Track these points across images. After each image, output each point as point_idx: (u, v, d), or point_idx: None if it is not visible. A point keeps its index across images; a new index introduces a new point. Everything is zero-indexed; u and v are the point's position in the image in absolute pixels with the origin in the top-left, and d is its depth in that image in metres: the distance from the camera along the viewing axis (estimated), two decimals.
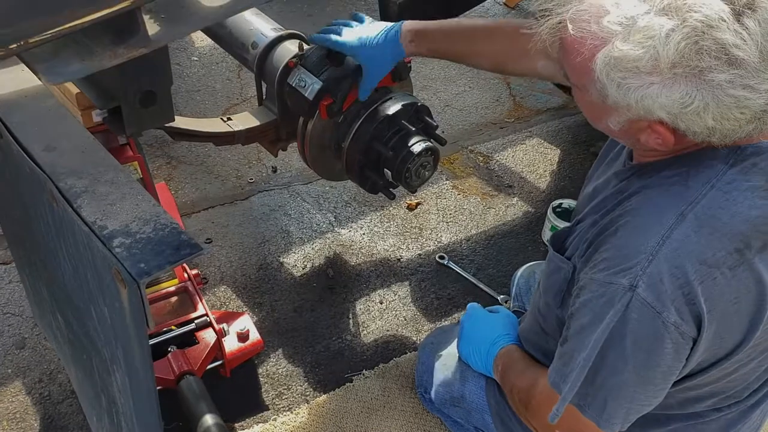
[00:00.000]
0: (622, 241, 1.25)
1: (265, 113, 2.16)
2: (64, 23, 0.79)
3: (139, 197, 1.11)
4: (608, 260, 1.25)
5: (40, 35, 0.78)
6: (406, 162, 1.95)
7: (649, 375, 1.26)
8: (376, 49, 1.80)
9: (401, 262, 2.51)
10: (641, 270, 1.19)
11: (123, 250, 1.01)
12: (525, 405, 1.51)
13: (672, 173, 1.25)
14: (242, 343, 1.99)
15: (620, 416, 1.31)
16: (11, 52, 0.77)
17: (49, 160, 1.17)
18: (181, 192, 2.70)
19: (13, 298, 2.28)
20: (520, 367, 1.62)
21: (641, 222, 1.24)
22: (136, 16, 0.90)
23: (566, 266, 1.41)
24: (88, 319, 1.32)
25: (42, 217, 1.28)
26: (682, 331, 1.20)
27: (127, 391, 1.28)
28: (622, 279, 1.21)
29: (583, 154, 2.98)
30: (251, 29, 2.12)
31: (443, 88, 3.32)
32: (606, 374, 1.27)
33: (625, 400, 1.29)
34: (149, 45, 0.96)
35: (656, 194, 1.26)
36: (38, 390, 2.05)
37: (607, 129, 1.26)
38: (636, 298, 1.19)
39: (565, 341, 1.35)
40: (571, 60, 1.17)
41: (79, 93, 1.69)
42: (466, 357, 1.80)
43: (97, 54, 0.92)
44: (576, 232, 1.42)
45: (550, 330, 1.55)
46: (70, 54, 0.92)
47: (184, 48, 3.41)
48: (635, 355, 1.24)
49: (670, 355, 1.23)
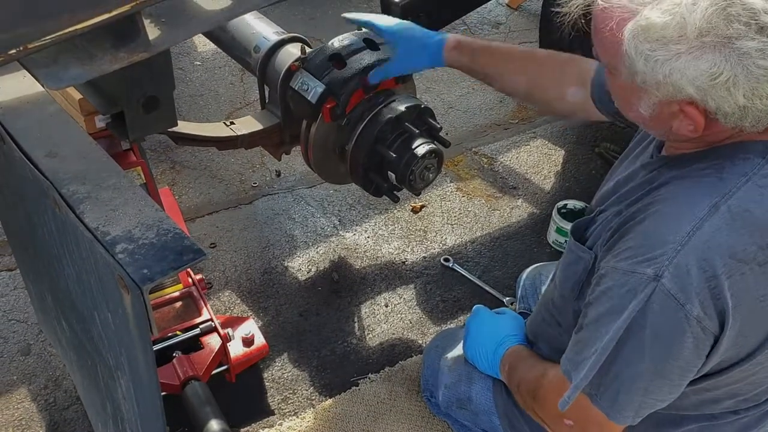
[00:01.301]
0: (649, 230, 1.22)
1: (268, 117, 2.16)
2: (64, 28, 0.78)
3: (142, 202, 1.10)
4: (633, 249, 1.22)
5: (39, 40, 0.77)
6: (410, 164, 1.95)
7: (665, 369, 1.23)
8: (418, 41, 1.78)
9: (406, 265, 2.50)
10: (668, 260, 1.16)
11: (126, 255, 1.00)
12: (533, 395, 1.49)
13: (705, 165, 1.22)
14: (247, 348, 1.99)
15: (631, 409, 1.28)
16: (10, 58, 0.77)
17: (52, 166, 1.16)
18: (185, 197, 2.69)
19: (17, 305, 2.28)
20: (529, 363, 1.60)
21: (671, 211, 1.21)
22: (137, 20, 0.90)
23: (587, 256, 1.38)
24: (92, 325, 1.31)
25: (45, 223, 1.27)
26: (704, 326, 1.17)
27: (131, 397, 1.27)
28: (647, 268, 1.18)
29: (587, 155, 2.97)
30: (253, 33, 2.12)
31: (447, 90, 3.31)
32: (621, 365, 1.24)
33: (638, 393, 1.26)
34: (150, 49, 0.96)
35: (689, 185, 1.22)
36: (43, 396, 2.04)
37: (639, 117, 1.23)
38: (660, 288, 1.16)
39: (580, 329, 1.32)
40: (600, 35, 1.16)
41: (81, 99, 1.69)
42: (472, 358, 1.79)
43: (97, 59, 0.91)
44: (598, 222, 1.39)
45: (564, 323, 1.52)
46: (70, 59, 0.91)
47: (187, 52, 3.41)
48: (653, 347, 1.21)
49: (690, 351, 1.20)
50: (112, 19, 0.81)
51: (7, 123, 1.25)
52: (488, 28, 3.74)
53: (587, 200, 2.56)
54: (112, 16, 0.80)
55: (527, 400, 1.53)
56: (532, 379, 1.51)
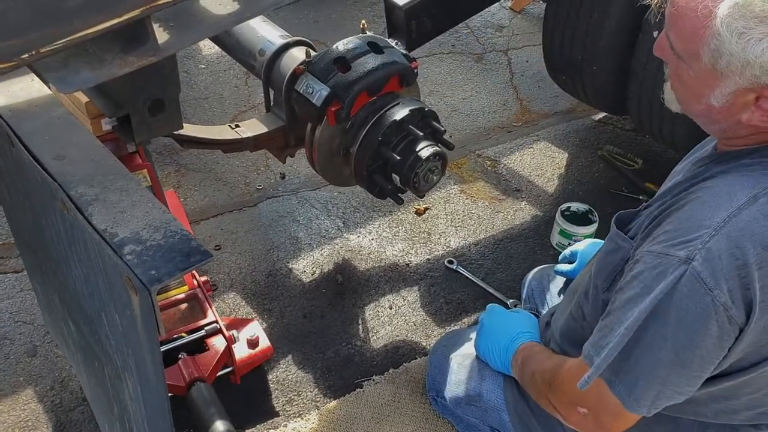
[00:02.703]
0: (687, 215, 1.22)
1: (273, 120, 2.17)
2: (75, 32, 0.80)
3: (150, 204, 1.11)
4: (669, 233, 1.23)
5: (51, 45, 0.79)
6: (414, 167, 1.96)
7: (687, 357, 1.22)
8: None
9: (410, 267, 2.51)
10: (701, 244, 1.17)
11: (134, 257, 1.02)
12: (548, 383, 1.48)
13: (752, 161, 1.23)
14: (252, 350, 2.00)
15: (649, 398, 1.28)
16: (23, 62, 0.78)
17: (60, 169, 1.18)
18: (190, 199, 2.71)
19: (24, 306, 2.29)
20: (544, 356, 1.60)
21: (711, 199, 1.21)
22: (146, 24, 0.91)
23: (627, 245, 1.37)
24: (99, 326, 1.32)
25: (53, 225, 1.28)
26: (730, 315, 1.17)
27: (138, 398, 1.28)
28: (680, 251, 1.18)
29: (590, 158, 2.97)
30: (258, 36, 2.14)
31: (450, 93, 3.32)
32: (643, 350, 1.24)
33: (657, 381, 1.25)
34: (159, 53, 0.97)
35: (732, 177, 1.23)
36: (50, 398, 2.05)
37: (706, 110, 1.23)
38: (690, 271, 1.17)
39: (607, 315, 1.32)
40: (682, 23, 1.16)
41: (88, 102, 1.70)
42: (483, 353, 1.79)
43: (107, 63, 0.93)
44: (643, 215, 1.40)
45: (590, 316, 1.50)
46: (80, 63, 0.92)
47: (192, 56, 3.42)
48: (677, 332, 1.20)
49: (713, 340, 1.19)
50: (122, 24, 0.82)
51: (16, 126, 1.26)
52: (491, 32, 3.75)
53: (590, 203, 2.57)
54: (122, 21, 0.81)
55: (542, 389, 1.52)
56: (549, 368, 1.51)
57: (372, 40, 2.01)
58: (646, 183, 2.80)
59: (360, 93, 1.93)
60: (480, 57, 3.58)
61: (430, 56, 3.50)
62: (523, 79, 3.44)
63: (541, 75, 3.34)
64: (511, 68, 3.51)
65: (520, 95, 3.34)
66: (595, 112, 3.18)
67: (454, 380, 1.85)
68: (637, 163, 2.91)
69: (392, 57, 1.98)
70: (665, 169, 2.82)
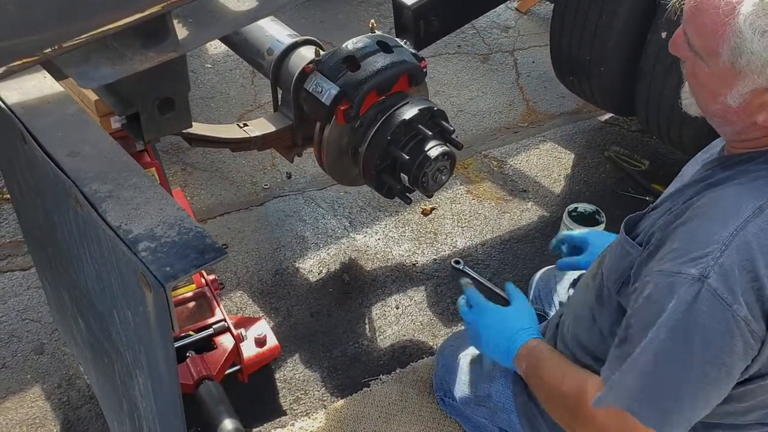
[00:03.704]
0: (694, 231, 1.20)
1: (280, 119, 2.17)
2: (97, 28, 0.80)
3: (163, 201, 1.11)
4: (678, 250, 1.20)
5: (73, 40, 0.79)
6: (423, 166, 1.96)
7: (715, 375, 1.19)
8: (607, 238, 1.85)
9: (416, 267, 2.51)
10: (713, 260, 1.15)
11: (149, 254, 1.02)
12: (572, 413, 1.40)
13: (758, 167, 1.22)
14: (260, 349, 2.00)
15: (683, 422, 1.24)
16: (46, 57, 0.78)
17: (74, 166, 1.18)
18: (197, 198, 2.71)
19: (31, 304, 2.29)
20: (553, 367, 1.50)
21: (717, 212, 1.20)
22: (167, 20, 0.91)
23: (635, 252, 1.35)
24: (110, 323, 1.32)
25: (65, 222, 1.29)
26: (751, 329, 1.15)
27: (149, 394, 1.28)
28: (692, 269, 1.16)
29: (597, 159, 2.97)
30: (267, 35, 2.14)
31: (456, 93, 3.32)
32: (670, 376, 1.21)
33: (689, 404, 1.22)
34: (179, 49, 0.97)
35: (736, 186, 1.22)
36: (57, 395, 2.05)
37: (722, 110, 1.22)
38: (706, 288, 1.15)
39: (624, 342, 1.28)
40: (702, 19, 1.15)
41: (97, 100, 1.71)
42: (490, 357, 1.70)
43: (127, 58, 0.93)
44: (649, 218, 1.38)
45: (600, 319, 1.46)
46: (101, 58, 0.93)
47: (198, 55, 3.43)
48: (704, 352, 1.17)
49: (739, 355, 1.17)
50: (143, 19, 0.82)
51: (29, 123, 1.26)
52: (497, 32, 3.75)
53: (597, 203, 2.57)
54: (144, 16, 0.81)
55: (564, 416, 1.44)
56: (570, 394, 1.40)
57: (381, 39, 2.01)
58: (652, 184, 2.80)
59: (369, 92, 1.93)
60: (486, 57, 3.58)
61: (436, 56, 3.50)
62: (530, 80, 3.44)
63: (547, 76, 3.34)
64: (517, 69, 3.51)
65: (527, 96, 3.34)
66: (602, 113, 3.18)
67: (464, 380, 1.84)
68: (643, 164, 2.91)
69: (402, 56, 1.98)
70: (672, 170, 2.84)
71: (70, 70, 0.95)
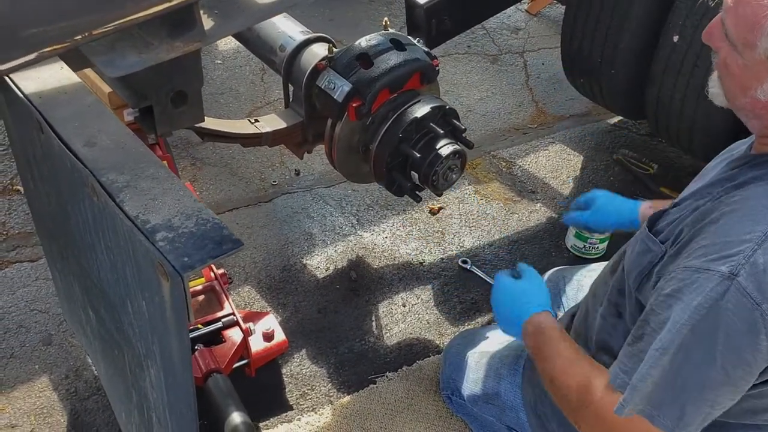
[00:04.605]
0: (725, 229, 1.19)
1: (291, 115, 2.18)
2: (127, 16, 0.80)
3: (181, 192, 1.12)
4: (707, 247, 1.19)
5: (103, 27, 0.79)
6: (434, 165, 1.96)
7: (737, 375, 1.18)
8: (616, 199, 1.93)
9: (424, 265, 2.51)
10: (744, 258, 1.14)
11: (166, 243, 1.02)
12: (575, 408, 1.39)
13: None
14: (268, 343, 2.00)
15: (698, 423, 1.23)
16: (76, 43, 0.79)
17: (91, 156, 1.18)
18: (206, 193, 2.72)
19: (39, 295, 2.30)
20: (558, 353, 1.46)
21: (748, 211, 1.19)
22: (193, 10, 0.92)
23: (657, 249, 1.33)
24: (122, 313, 1.33)
25: (81, 212, 1.29)
26: None
27: (161, 385, 1.29)
28: (722, 266, 1.15)
29: (606, 161, 2.97)
30: (279, 32, 2.14)
31: (465, 93, 3.33)
32: (690, 374, 1.19)
33: (707, 404, 1.21)
34: (205, 39, 0.97)
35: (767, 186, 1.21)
36: (65, 386, 2.06)
37: (750, 104, 1.21)
38: (735, 286, 1.14)
39: (639, 339, 1.26)
40: (743, 9, 1.14)
41: (111, 92, 1.72)
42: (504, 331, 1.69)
43: (153, 47, 0.93)
44: (672, 215, 1.37)
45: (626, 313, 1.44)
46: (127, 47, 0.93)
47: (208, 51, 3.43)
48: (726, 351, 1.16)
49: (763, 354, 1.16)
50: (172, 8, 0.83)
51: (46, 113, 1.27)
52: (507, 33, 3.76)
53: None
54: (172, 6, 0.82)
55: (566, 408, 1.43)
56: (575, 387, 1.39)
57: (395, 37, 2.02)
58: (660, 187, 2.80)
59: (382, 89, 1.93)
60: (496, 58, 3.58)
61: (445, 56, 3.50)
62: (539, 82, 3.44)
63: (557, 78, 3.34)
64: (527, 70, 3.51)
65: (536, 97, 3.35)
66: (611, 115, 3.18)
67: (472, 378, 1.85)
68: (652, 168, 2.91)
69: (414, 54, 1.99)
70: (680, 174, 2.85)
71: (97, 58, 0.96)
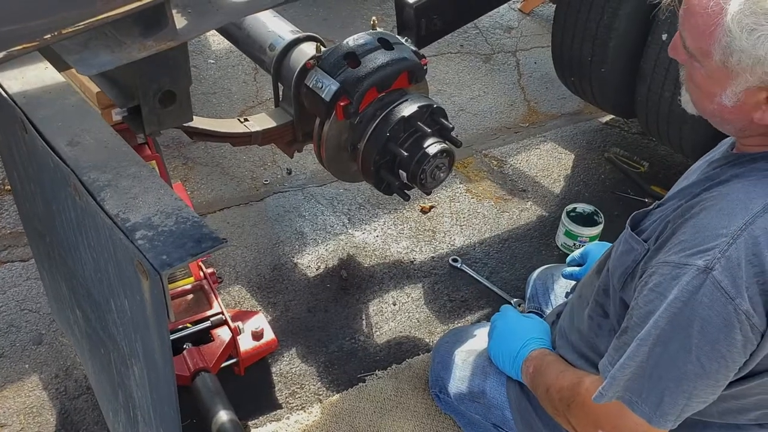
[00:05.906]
0: (703, 223, 1.22)
1: (281, 115, 2.18)
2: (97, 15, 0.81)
3: (161, 191, 1.12)
4: (685, 242, 1.22)
5: (73, 26, 0.80)
6: (422, 163, 1.97)
7: (713, 368, 1.20)
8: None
9: (414, 264, 2.52)
10: (720, 253, 1.16)
11: (145, 242, 1.03)
12: (567, 403, 1.44)
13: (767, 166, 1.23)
14: (257, 342, 2.01)
15: (675, 412, 1.26)
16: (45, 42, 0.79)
17: (73, 155, 1.19)
18: (197, 192, 2.72)
19: (30, 295, 2.30)
20: (558, 368, 1.56)
21: (725, 206, 1.21)
22: (165, 9, 0.92)
23: (640, 248, 1.36)
24: (107, 312, 1.33)
25: (64, 211, 1.30)
26: (752, 323, 1.17)
27: (145, 384, 1.29)
28: (698, 260, 1.18)
29: (597, 160, 2.98)
30: (269, 31, 2.15)
31: (457, 93, 3.33)
32: (667, 365, 1.22)
33: (684, 395, 1.23)
34: (177, 38, 0.98)
35: (746, 183, 1.23)
36: (54, 385, 2.07)
37: (718, 110, 1.23)
38: (710, 280, 1.16)
39: (624, 332, 1.30)
40: (694, 20, 1.17)
41: (99, 92, 1.72)
42: (494, 357, 1.77)
43: (126, 46, 0.94)
44: (655, 215, 1.39)
45: (612, 312, 1.48)
46: (100, 46, 0.94)
47: (201, 51, 3.44)
48: (701, 344, 1.19)
49: (738, 348, 1.19)
50: (142, 7, 0.83)
51: (29, 112, 1.28)
52: (500, 32, 3.76)
53: (596, 204, 2.58)
54: (143, 5, 0.82)
55: (559, 407, 1.48)
56: (567, 386, 1.46)
57: (382, 36, 2.02)
58: (651, 186, 2.81)
59: (369, 88, 1.93)
60: (488, 57, 3.58)
61: (438, 56, 3.51)
62: (531, 81, 3.44)
63: (549, 77, 3.35)
64: (519, 69, 3.52)
65: (528, 96, 3.35)
66: (603, 114, 3.19)
67: (458, 376, 1.85)
68: (643, 166, 2.91)
69: (402, 53, 1.99)
70: (671, 172, 2.86)
71: (69, 57, 0.96)
